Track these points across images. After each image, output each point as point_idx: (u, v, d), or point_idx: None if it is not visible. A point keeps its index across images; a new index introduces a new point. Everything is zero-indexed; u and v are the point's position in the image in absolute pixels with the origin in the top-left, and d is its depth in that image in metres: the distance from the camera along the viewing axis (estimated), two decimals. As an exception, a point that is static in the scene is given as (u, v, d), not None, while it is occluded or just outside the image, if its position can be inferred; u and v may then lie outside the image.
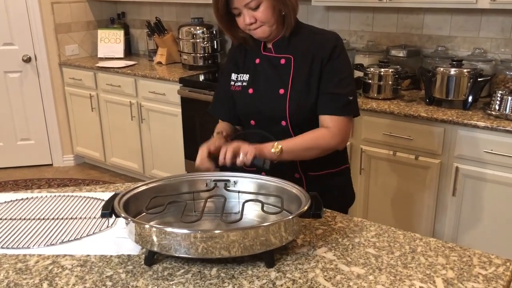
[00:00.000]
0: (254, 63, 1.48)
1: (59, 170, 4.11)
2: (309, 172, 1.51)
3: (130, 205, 1.19)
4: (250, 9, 1.35)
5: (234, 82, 1.51)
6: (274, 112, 1.44)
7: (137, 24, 4.17)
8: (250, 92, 1.46)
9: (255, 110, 1.47)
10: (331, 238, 1.22)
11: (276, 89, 1.43)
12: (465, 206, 2.29)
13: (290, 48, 1.43)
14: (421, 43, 2.82)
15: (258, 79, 1.46)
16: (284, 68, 1.43)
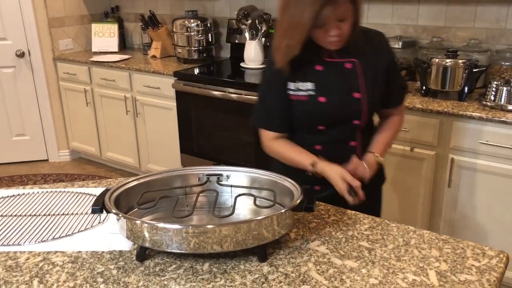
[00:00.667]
0: (314, 70, 1.45)
1: (55, 166, 4.10)
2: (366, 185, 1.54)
3: (121, 201, 1.18)
4: (337, 21, 1.33)
5: (294, 91, 1.46)
6: (349, 115, 1.48)
7: (131, 18, 4.14)
8: (323, 101, 1.45)
9: (327, 116, 1.48)
10: (324, 232, 1.21)
11: (350, 94, 1.46)
12: (461, 197, 2.29)
13: (350, 51, 1.43)
14: (416, 34, 2.80)
15: (327, 87, 1.45)
16: (351, 72, 1.45)
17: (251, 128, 2.88)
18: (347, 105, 1.46)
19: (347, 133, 1.50)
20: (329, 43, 1.37)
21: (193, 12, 3.49)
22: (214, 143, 3.13)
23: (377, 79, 1.47)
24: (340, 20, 1.31)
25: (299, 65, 1.44)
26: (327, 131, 1.49)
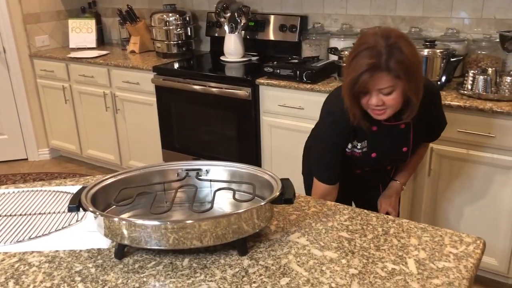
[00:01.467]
0: (370, 130, 1.53)
1: (35, 165, 4.03)
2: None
3: (98, 198, 1.16)
4: (381, 94, 1.37)
5: (351, 149, 1.59)
6: (395, 163, 1.71)
7: (109, 13, 4.07)
8: (373, 156, 1.59)
9: (375, 165, 1.66)
10: (304, 223, 1.21)
11: (399, 148, 1.61)
12: (441, 185, 2.32)
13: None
14: (394, 24, 2.82)
15: (379, 144, 1.58)
16: (404, 131, 1.57)
17: (233, 121, 2.87)
18: (394, 157, 1.65)
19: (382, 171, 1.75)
20: (372, 113, 1.44)
21: (172, 5, 3.45)
22: (196, 138, 3.11)
23: (423, 131, 1.62)
24: (383, 93, 1.36)
25: (358, 127, 1.51)
26: (362, 172, 1.70)
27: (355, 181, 1.74)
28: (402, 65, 1.31)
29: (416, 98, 1.41)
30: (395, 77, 1.32)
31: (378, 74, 1.32)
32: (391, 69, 1.31)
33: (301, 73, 2.56)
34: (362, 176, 1.70)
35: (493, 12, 2.52)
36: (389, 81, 1.33)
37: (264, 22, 3.19)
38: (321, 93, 2.51)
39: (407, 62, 1.32)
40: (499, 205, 2.19)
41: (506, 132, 2.08)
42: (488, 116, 2.10)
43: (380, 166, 1.69)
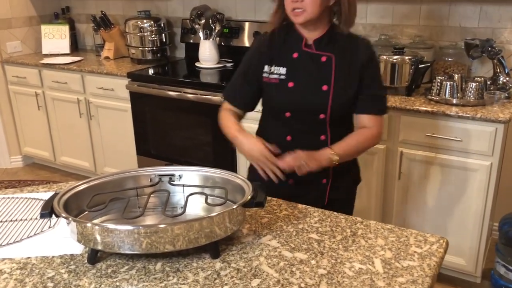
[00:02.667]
0: (291, 57, 1.52)
1: (7, 172, 3.96)
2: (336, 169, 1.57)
3: (71, 204, 1.17)
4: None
5: (268, 74, 1.55)
6: (315, 106, 1.52)
7: (83, 19, 4.05)
8: (290, 86, 1.52)
9: (294, 103, 1.53)
10: (275, 226, 1.24)
11: (319, 85, 1.51)
12: (410, 188, 2.38)
13: (330, 47, 1.51)
14: (365, 31, 2.89)
15: (298, 74, 1.52)
16: (325, 65, 1.51)
17: (209, 127, 2.89)
18: (313, 95, 1.52)
19: (315, 126, 1.55)
20: (292, 14, 1.45)
21: (146, 12, 3.45)
22: (171, 143, 3.11)
23: (348, 79, 1.51)
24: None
25: (279, 51, 1.53)
26: (295, 121, 1.54)
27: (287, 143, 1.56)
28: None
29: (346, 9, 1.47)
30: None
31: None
32: None
33: (275, 79, 2.60)
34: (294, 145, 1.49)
35: (458, 21, 2.61)
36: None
37: (239, 29, 3.23)
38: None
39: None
40: (466, 207, 2.27)
41: (471, 136, 2.16)
42: (454, 120, 2.18)
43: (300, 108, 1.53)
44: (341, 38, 1.53)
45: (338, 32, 1.53)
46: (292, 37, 1.53)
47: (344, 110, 1.56)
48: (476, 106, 2.21)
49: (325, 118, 1.53)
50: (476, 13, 2.56)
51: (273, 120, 1.61)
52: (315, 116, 1.53)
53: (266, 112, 1.64)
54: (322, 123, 1.53)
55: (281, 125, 1.57)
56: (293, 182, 1.56)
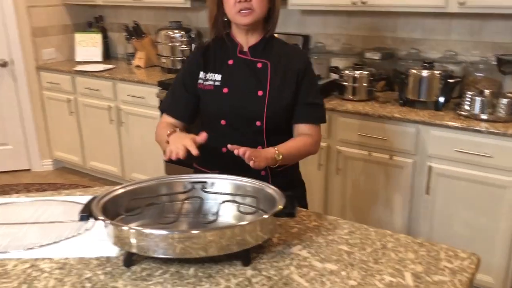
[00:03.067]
0: (226, 64, 1.53)
1: (38, 175, 4.07)
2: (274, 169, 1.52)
3: (108, 208, 1.21)
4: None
5: (203, 81, 1.54)
6: (250, 113, 1.50)
7: (115, 28, 4.16)
8: (225, 91, 1.51)
9: (229, 109, 1.51)
10: (305, 236, 1.26)
11: (254, 91, 1.50)
12: (438, 203, 2.36)
13: (265, 54, 1.52)
14: (395, 45, 2.89)
15: (233, 80, 1.51)
16: (261, 72, 1.51)
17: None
18: (248, 100, 1.50)
19: (251, 136, 1.52)
20: (239, 15, 1.43)
21: (177, 22, 3.53)
22: (198, 152, 3.15)
23: (283, 86, 1.51)
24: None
25: (215, 58, 1.54)
26: (230, 130, 1.51)
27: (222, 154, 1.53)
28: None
29: (276, 12, 1.50)
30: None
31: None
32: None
33: (303, 91, 2.62)
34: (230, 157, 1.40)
35: (490, 36, 2.60)
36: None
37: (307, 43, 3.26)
38: (322, 110, 2.57)
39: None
40: (495, 224, 2.23)
41: (502, 152, 2.13)
42: (484, 136, 2.16)
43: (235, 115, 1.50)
44: (276, 46, 1.54)
45: (273, 39, 1.55)
46: (227, 45, 1.54)
47: (280, 117, 1.53)
48: (508, 122, 2.19)
49: (261, 126, 1.50)
50: (508, 28, 2.54)
51: (208, 131, 1.49)
52: (251, 123, 1.51)
53: (202, 123, 1.60)
54: (259, 132, 1.51)
55: (216, 136, 1.50)
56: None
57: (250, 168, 1.37)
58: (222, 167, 1.48)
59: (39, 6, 3.85)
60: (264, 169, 1.52)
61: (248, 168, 1.36)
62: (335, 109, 2.53)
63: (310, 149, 1.56)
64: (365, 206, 2.60)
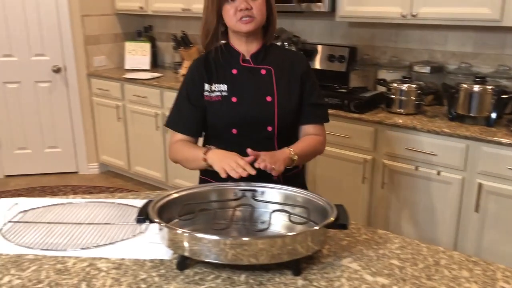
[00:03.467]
0: (230, 73, 1.54)
1: (84, 178, 4.21)
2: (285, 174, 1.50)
3: (163, 212, 1.24)
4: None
5: (209, 93, 1.54)
6: (261, 119, 1.52)
7: (163, 37, 4.28)
8: (234, 101, 1.52)
9: (239, 117, 1.52)
10: (356, 249, 1.25)
11: (263, 97, 1.52)
12: (488, 222, 2.29)
13: (267, 61, 1.56)
14: (444, 59, 2.84)
15: (240, 88, 1.53)
16: (265, 78, 1.54)
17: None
18: (258, 107, 1.52)
19: (263, 142, 1.52)
20: (241, 23, 1.45)
21: (224, 33, 3.59)
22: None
23: (289, 90, 1.55)
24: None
25: (217, 69, 1.55)
26: (241, 138, 1.49)
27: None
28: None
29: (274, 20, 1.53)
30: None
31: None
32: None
33: (349, 103, 2.62)
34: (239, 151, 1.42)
35: (546, 51, 2.51)
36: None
37: (313, 52, 3.28)
38: (369, 123, 2.55)
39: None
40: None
41: (559, 172, 2.05)
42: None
43: (246, 122, 1.51)
44: (277, 51, 1.59)
45: (272, 46, 1.59)
46: (228, 54, 1.55)
47: (289, 120, 1.55)
48: None
49: (272, 131, 1.52)
50: None
51: (217, 141, 1.54)
52: (262, 129, 1.52)
53: (211, 135, 1.59)
54: (270, 137, 1.52)
55: (226, 146, 1.49)
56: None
57: (262, 174, 1.38)
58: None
59: (92, 15, 4.02)
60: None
61: (259, 175, 1.37)
62: (382, 122, 2.50)
63: (320, 148, 1.60)
64: (410, 221, 2.55)
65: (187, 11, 3.61)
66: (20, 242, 1.27)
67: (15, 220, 1.40)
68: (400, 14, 2.59)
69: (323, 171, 2.79)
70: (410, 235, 2.52)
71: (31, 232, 1.33)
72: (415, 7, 2.54)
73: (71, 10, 3.88)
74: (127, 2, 4.01)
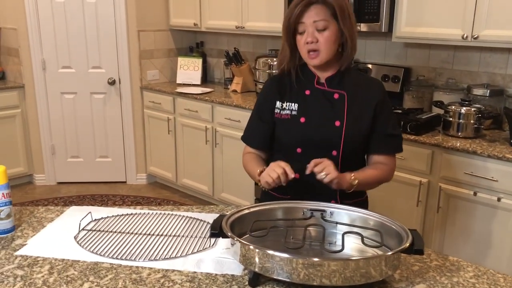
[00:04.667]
0: (303, 94, 1.56)
1: (132, 188, 4.31)
2: (345, 200, 1.54)
3: (233, 227, 1.26)
4: (316, 30, 1.46)
5: (280, 110, 1.58)
6: (327, 142, 1.53)
7: (214, 53, 4.36)
8: (302, 121, 1.54)
9: (306, 138, 1.54)
10: (428, 276, 1.23)
11: (332, 121, 1.52)
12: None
13: (342, 85, 1.55)
14: (504, 82, 2.77)
15: (310, 110, 1.55)
16: (338, 102, 1.54)
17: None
18: (326, 130, 1.52)
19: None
20: (309, 56, 1.49)
21: (276, 50, 3.63)
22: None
23: (361, 116, 1.53)
24: (317, 28, 1.45)
25: (291, 88, 1.57)
26: (305, 158, 1.47)
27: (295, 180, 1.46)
28: (337, 2, 1.45)
29: (351, 45, 1.49)
30: (330, 13, 1.45)
31: (314, 6, 1.45)
32: (326, 2, 1.44)
33: (406, 124, 2.58)
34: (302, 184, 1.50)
35: None
36: (324, 14, 1.44)
37: (366, 71, 3.27)
38: (425, 145, 2.50)
39: (340, 1, 1.45)
40: None
41: None
42: None
43: (312, 143, 1.52)
44: (354, 77, 1.56)
45: (350, 70, 1.56)
46: (304, 75, 1.57)
47: (356, 147, 1.54)
48: None
49: (337, 155, 1.52)
50: None
51: (282, 158, 1.52)
52: (327, 152, 1.52)
53: (276, 150, 1.63)
54: (334, 160, 1.46)
55: (290, 162, 1.47)
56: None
57: (322, 194, 1.44)
58: (294, 193, 1.55)
59: (148, 30, 4.15)
60: (335, 199, 1.55)
61: (319, 194, 1.43)
62: (439, 144, 2.45)
63: (385, 178, 1.59)
64: (466, 249, 2.48)
65: (240, 29, 3.67)
66: (95, 250, 1.31)
67: (88, 228, 1.45)
68: (461, 36, 2.55)
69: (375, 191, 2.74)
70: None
71: (104, 241, 1.37)
72: (476, 29, 2.50)
73: (128, 25, 4.03)
74: (181, 19, 4.13)
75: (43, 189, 4.26)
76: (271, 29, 3.44)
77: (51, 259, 1.27)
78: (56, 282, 1.16)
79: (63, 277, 1.19)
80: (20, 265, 1.24)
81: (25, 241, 1.38)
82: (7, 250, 1.32)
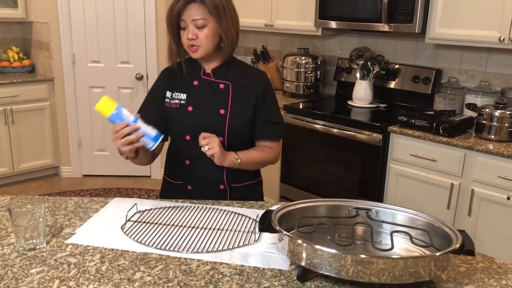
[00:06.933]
0: (191, 84, 1.67)
1: (156, 182, 4.36)
2: (233, 184, 1.72)
3: (282, 223, 1.27)
4: (196, 27, 1.55)
5: (170, 100, 1.68)
6: (213, 129, 1.62)
7: (241, 51, 4.38)
8: (189, 110, 1.65)
9: (193, 126, 1.65)
10: (476, 277, 1.22)
11: (217, 109, 1.64)
12: None
13: (227, 76, 1.67)
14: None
15: (197, 99, 1.66)
16: (223, 92, 1.66)
17: (356, 165, 2.92)
18: (211, 118, 1.64)
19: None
20: (190, 50, 1.58)
21: (305, 49, 3.64)
22: (316, 176, 3.19)
23: (244, 105, 1.65)
24: (197, 26, 1.54)
25: (181, 79, 1.68)
26: (195, 144, 1.57)
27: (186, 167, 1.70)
28: (212, 1, 1.53)
29: (228, 42, 1.59)
30: (208, 12, 1.53)
31: (192, 4, 1.53)
32: (204, 2, 1.53)
33: (438, 126, 2.57)
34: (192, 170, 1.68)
35: None
36: (202, 14, 1.53)
37: (396, 72, 3.26)
38: (457, 147, 2.49)
39: (219, 2, 1.55)
40: None
41: None
42: None
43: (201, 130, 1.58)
44: (239, 68, 1.69)
45: (234, 61, 1.69)
46: (192, 66, 1.67)
47: (240, 133, 1.67)
48: None
49: (223, 141, 1.63)
50: None
51: (175, 145, 1.72)
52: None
53: (171, 138, 1.74)
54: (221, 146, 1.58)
55: (181, 149, 1.68)
56: (191, 187, 1.72)
57: (211, 180, 1.65)
58: (186, 178, 1.72)
59: (176, 27, 4.17)
60: (223, 183, 1.71)
61: (209, 181, 1.65)
62: (473, 147, 2.44)
63: (269, 160, 1.73)
64: (498, 252, 2.46)
65: (269, 27, 3.68)
66: (142, 241, 1.34)
67: (134, 220, 1.47)
68: (498, 38, 2.52)
69: (404, 192, 2.75)
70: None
71: (150, 232, 1.39)
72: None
73: (157, 21, 4.07)
74: (209, 16, 4.14)
75: (69, 181, 4.33)
76: (301, 27, 3.44)
77: (101, 248, 1.30)
78: (108, 271, 1.19)
79: (114, 266, 1.21)
80: (72, 253, 1.27)
81: (73, 230, 1.41)
82: (58, 238, 1.35)
